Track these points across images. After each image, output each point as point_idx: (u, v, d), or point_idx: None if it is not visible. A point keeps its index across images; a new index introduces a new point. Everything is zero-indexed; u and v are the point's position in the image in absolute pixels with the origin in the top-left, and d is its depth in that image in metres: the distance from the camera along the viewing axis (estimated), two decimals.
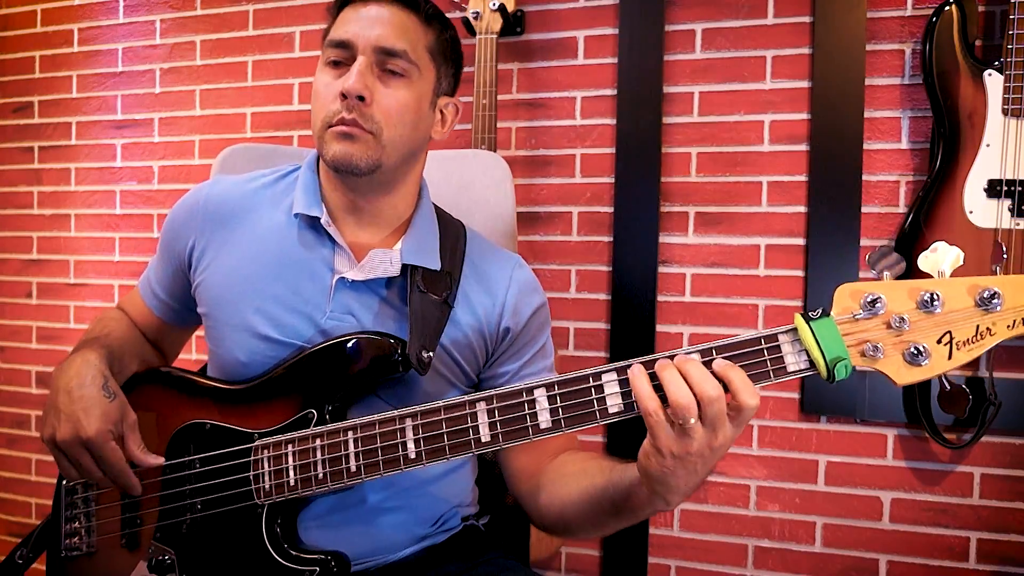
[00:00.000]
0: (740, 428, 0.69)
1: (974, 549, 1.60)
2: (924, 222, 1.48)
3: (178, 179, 2.13)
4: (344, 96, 0.87)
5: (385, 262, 0.93)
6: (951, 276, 0.69)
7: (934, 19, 1.49)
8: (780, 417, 1.71)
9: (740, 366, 0.70)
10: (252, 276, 0.94)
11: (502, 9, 1.67)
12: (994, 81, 1.44)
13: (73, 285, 2.23)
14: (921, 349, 0.68)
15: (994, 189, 1.43)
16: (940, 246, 0.70)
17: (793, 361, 0.70)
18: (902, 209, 1.63)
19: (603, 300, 1.82)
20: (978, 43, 1.55)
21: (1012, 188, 1.42)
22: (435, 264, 0.95)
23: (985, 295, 0.67)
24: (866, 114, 1.64)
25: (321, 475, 0.83)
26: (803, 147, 1.69)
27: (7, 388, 2.30)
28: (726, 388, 0.68)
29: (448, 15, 1.00)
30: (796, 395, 1.69)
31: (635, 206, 1.77)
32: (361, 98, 0.87)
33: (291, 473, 0.84)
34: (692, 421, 0.67)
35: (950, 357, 0.68)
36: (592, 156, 1.82)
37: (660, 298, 1.78)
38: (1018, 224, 1.42)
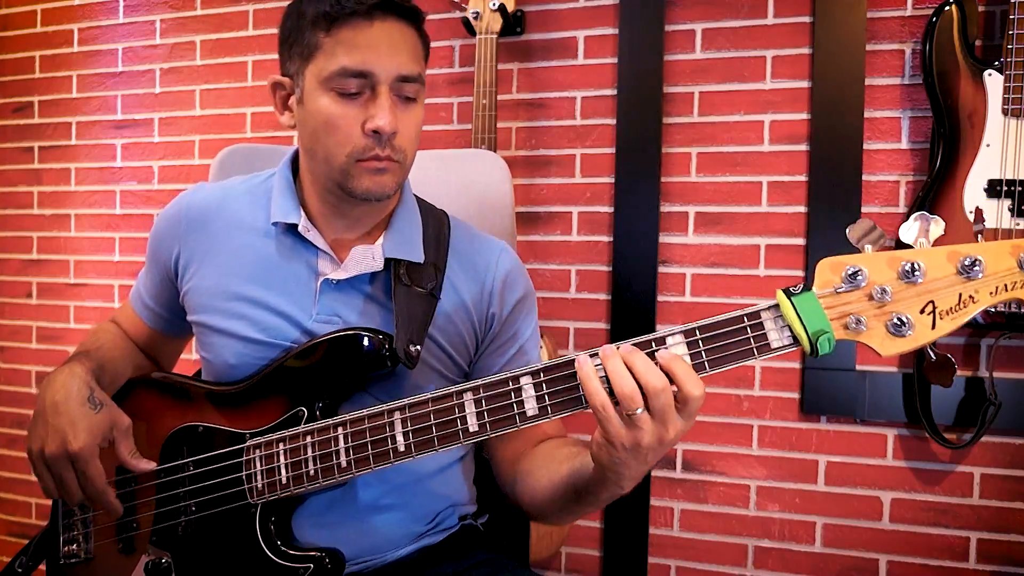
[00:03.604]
0: (690, 420, 0.69)
1: (974, 549, 1.60)
2: None
3: (178, 179, 2.13)
4: (376, 132, 0.85)
5: (368, 258, 0.93)
6: (933, 246, 0.69)
7: (934, 19, 1.49)
8: (780, 417, 1.71)
9: (724, 345, 0.71)
10: (237, 283, 0.94)
11: (502, 9, 1.67)
12: (994, 81, 1.44)
13: (73, 285, 2.23)
14: (904, 319, 0.67)
15: (994, 189, 1.43)
16: (921, 216, 0.70)
17: (776, 337, 0.70)
18: (902, 209, 1.63)
19: (603, 300, 1.82)
20: (978, 43, 1.55)
21: (1012, 188, 1.42)
22: (418, 257, 0.94)
23: (966, 262, 0.66)
24: (866, 114, 1.64)
25: (312, 472, 0.83)
26: (803, 147, 1.69)
27: (7, 388, 2.30)
28: (672, 381, 0.68)
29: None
30: (796, 395, 1.69)
31: (635, 206, 1.77)
32: (393, 133, 0.87)
33: (283, 471, 0.84)
34: (639, 411, 0.67)
35: (934, 327, 0.68)
36: (592, 156, 1.82)
37: (660, 298, 1.78)
38: (1018, 224, 1.42)
